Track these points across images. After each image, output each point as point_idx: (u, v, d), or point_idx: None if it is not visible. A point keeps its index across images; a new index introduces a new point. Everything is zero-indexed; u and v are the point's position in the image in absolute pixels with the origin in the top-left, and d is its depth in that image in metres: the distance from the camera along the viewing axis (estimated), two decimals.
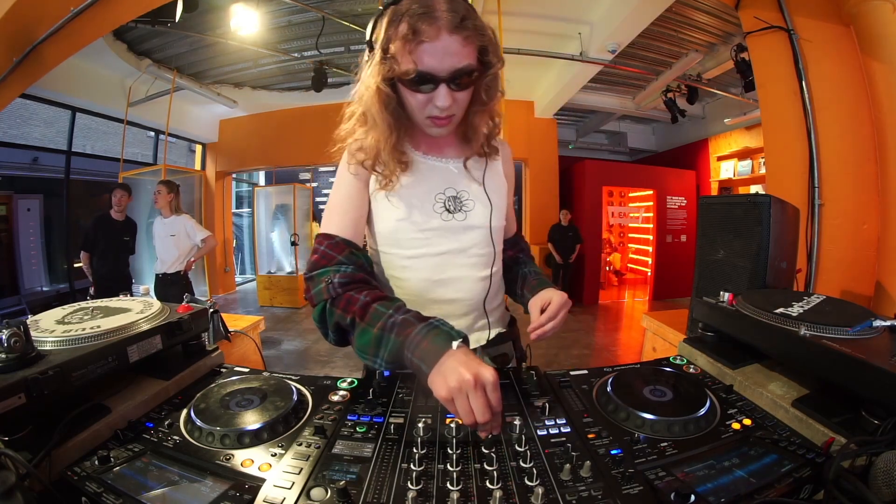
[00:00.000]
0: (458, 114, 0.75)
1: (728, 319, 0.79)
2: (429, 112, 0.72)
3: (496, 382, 0.55)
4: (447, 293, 0.84)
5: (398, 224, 0.81)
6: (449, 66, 0.66)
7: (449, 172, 0.85)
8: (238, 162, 7.00)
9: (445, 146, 0.87)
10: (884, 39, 1.77)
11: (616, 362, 3.46)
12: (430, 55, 0.65)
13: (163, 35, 4.44)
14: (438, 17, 0.64)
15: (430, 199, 0.82)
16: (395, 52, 0.66)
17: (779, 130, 2.18)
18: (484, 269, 0.86)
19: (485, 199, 0.85)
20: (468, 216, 0.83)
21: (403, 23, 0.65)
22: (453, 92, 0.69)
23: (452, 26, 0.64)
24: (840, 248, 1.98)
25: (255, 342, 1.86)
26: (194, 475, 0.52)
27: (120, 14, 2.32)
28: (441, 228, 0.82)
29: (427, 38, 0.64)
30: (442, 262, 0.83)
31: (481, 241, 0.85)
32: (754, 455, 0.54)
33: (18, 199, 5.15)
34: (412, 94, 0.70)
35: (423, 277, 0.83)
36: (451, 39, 0.65)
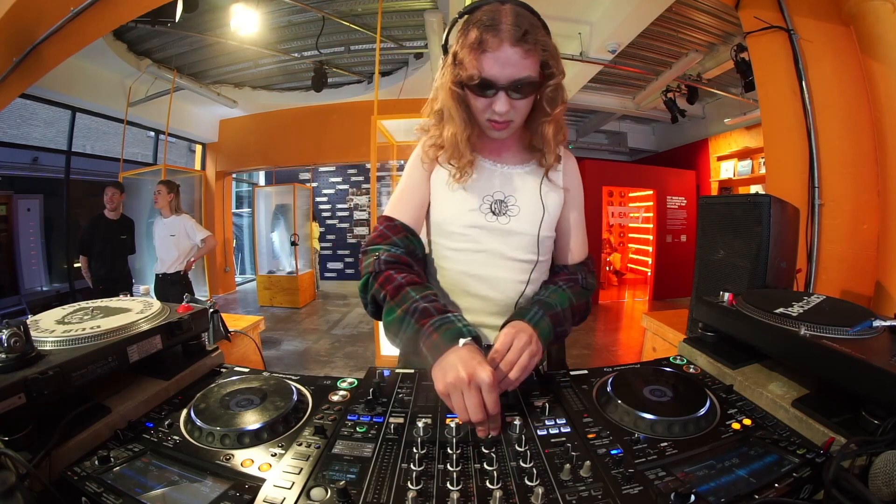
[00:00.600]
0: (517, 120, 0.80)
1: (728, 319, 0.79)
2: (489, 116, 0.78)
3: (492, 384, 0.57)
4: (481, 289, 0.87)
5: (446, 216, 0.88)
6: (509, 74, 0.72)
7: (502, 176, 0.89)
8: (238, 162, 6.99)
9: (505, 150, 0.91)
10: (884, 39, 1.76)
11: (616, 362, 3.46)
12: (492, 64, 0.71)
13: (163, 35, 4.44)
14: (502, 29, 0.70)
15: (479, 198, 0.87)
16: (463, 59, 0.74)
17: (779, 130, 2.18)
18: (522, 274, 0.87)
19: (533, 207, 0.87)
20: (511, 220, 0.86)
21: (472, 32, 0.72)
22: (512, 99, 0.75)
23: (514, 39, 0.70)
24: (840, 248, 1.98)
25: (255, 342, 1.86)
26: (194, 475, 0.52)
27: (120, 14, 2.32)
28: (483, 228, 0.86)
29: (490, 48, 0.71)
30: (482, 259, 0.87)
31: (522, 247, 0.87)
32: (754, 455, 0.54)
33: (18, 199, 5.16)
34: (475, 97, 0.77)
35: (461, 270, 0.88)
36: (513, 51, 0.70)
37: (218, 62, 5.20)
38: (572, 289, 0.86)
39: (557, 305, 0.79)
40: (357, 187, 8.06)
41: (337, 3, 4.01)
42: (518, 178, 0.89)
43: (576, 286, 0.87)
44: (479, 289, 0.88)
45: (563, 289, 0.85)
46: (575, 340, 4.64)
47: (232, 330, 1.66)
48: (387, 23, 4.24)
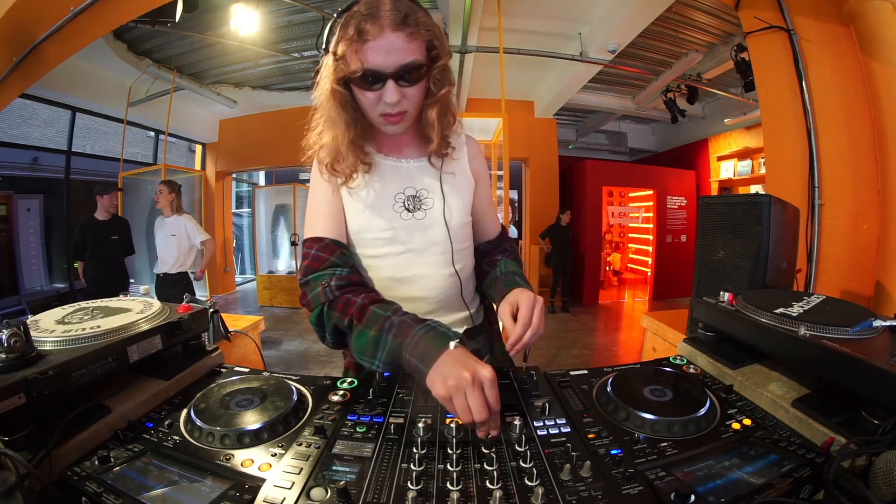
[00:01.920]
0: (411, 110, 0.76)
1: (728, 319, 0.79)
2: (381, 110, 0.74)
3: (494, 380, 0.56)
4: (411, 291, 0.86)
5: (361, 224, 0.84)
6: (394, 62, 0.69)
7: (408, 171, 0.86)
8: (238, 162, 7.00)
9: (405, 146, 0.88)
10: (884, 39, 1.76)
11: (616, 362, 3.46)
12: (375, 53, 0.68)
13: (163, 35, 4.44)
14: (381, 16, 0.67)
15: (390, 198, 0.84)
16: (344, 53, 0.70)
17: (779, 130, 2.18)
18: (447, 267, 0.87)
19: (447, 197, 0.86)
20: (427, 214, 0.85)
21: (350, 25, 0.68)
22: (402, 87, 0.71)
23: (395, 24, 0.67)
24: (840, 248, 1.98)
25: (255, 342, 1.86)
26: (194, 475, 0.52)
27: (120, 14, 2.32)
28: (401, 228, 0.84)
29: (371, 36, 0.67)
30: (404, 260, 0.85)
31: (443, 239, 0.86)
32: (754, 455, 0.54)
33: (18, 199, 5.16)
34: (363, 92, 0.73)
35: (385, 276, 0.86)
36: (395, 36, 0.67)
37: (218, 62, 5.21)
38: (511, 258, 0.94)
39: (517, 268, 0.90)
40: None
41: (337, 3, 4.00)
42: (425, 171, 0.87)
43: (510, 254, 0.95)
44: (408, 291, 0.85)
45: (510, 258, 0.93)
46: (575, 340, 4.64)
47: (232, 330, 1.66)
48: None
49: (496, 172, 5.41)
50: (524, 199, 6.74)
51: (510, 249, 0.97)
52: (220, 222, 7.06)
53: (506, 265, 0.89)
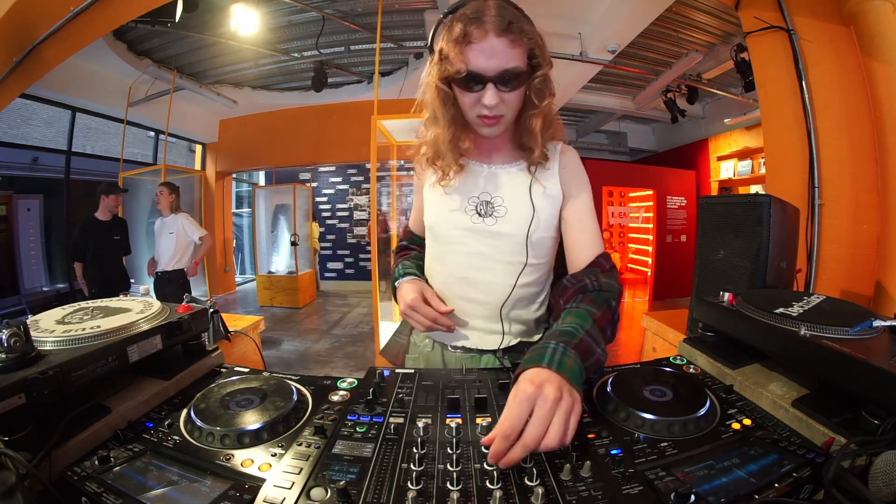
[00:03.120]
0: (508, 115, 0.78)
1: (728, 319, 0.79)
2: (478, 111, 0.76)
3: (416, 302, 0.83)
4: (469, 292, 0.87)
5: (436, 219, 0.89)
6: (496, 66, 0.70)
7: (489, 176, 0.87)
8: (238, 162, 6.99)
9: (495, 151, 0.88)
10: (884, 39, 1.76)
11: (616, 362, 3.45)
12: (478, 55, 0.70)
13: (163, 35, 4.43)
14: (486, 20, 0.69)
15: (464, 200, 0.86)
16: (448, 53, 0.72)
17: (779, 130, 2.18)
18: (510, 277, 0.84)
19: (523, 208, 0.83)
20: (497, 222, 0.84)
21: (457, 27, 0.71)
22: (501, 92, 0.73)
23: (500, 29, 0.69)
24: (840, 248, 1.98)
25: (255, 342, 1.86)
26: (194, 475, 0.52)
27: (120, 14, 2.32)
28: (470, 230, 0.85)
29: (475, 39, 0.70)
30: (470, 262, 0.86)
31: (511, 249, 0.83)
32: (754, 455, 0.54)
33: (18, 199, 5.15)
34: (463, 93, 0.75)
35: (450, 272, 0.89)
36: (498, 41, 0.69)
37: (218, 62, 5.20)
38: (586, 300, 0.73)
39: (579, 330, 0.64)
40: (357, 187, 8.06)
41: (337, 3, 4.01)
42: (506, 178, 0.86)
43: (587, 295, 0.75)
44: (467, 292, 0.87)
45: (576, 306, 0.72)
46: None
47: (232, 330, 1.66)
48: (387, 23, 4.24)
49: None
50: None
51: (592, 288, 0.78)
52: (220, 222, 7.05)
53: (563, 319, 0.70)
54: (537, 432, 0.49)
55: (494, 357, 0.89)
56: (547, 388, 0.52)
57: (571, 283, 0.80)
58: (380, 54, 3.35)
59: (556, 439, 0.49)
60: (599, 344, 0.65)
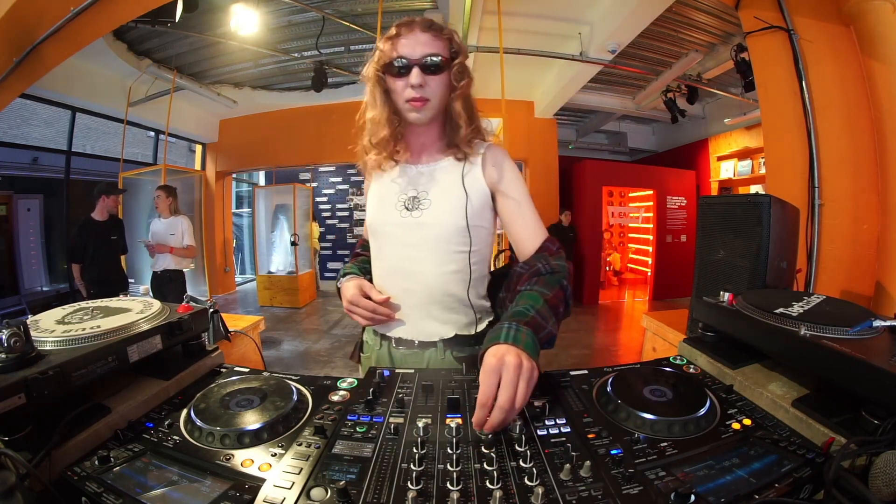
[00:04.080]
0: (433, 101, 0.88)
1: (728, 319, 0.79)
2: (407, 95, 0.86)
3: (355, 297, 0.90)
4: (406, 283, 0.93)
5: (372, 218, 0.99)
6: (420, 52, 0.84)
7: (418, 174, 0.96)
8: (238, 162, 6.99)
9: (424, 151, 0.97)
10: (884, 39, 1.76)
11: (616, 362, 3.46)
12: (406, 45, 0.85)
13: (163, 35, 4.43)
14: (414, 22, 0.87)
15: (394, 198, 0.95)
16: (383, 48, 0.88)
17: (779, 130, 2.18)
18: (443, 266, 0.91)
19: (445, 200, 0.91)
20: (423, 214, 0.92)
21: (391, 29, 0.88)
22: (425, 74, 0.85)
23: (423, 27, 0.86)
24: (840, 248, 1.98)
25: (255, 342, 1.86)
26: (194, 475, 0.52)
27: (120, 14, 2.32)
28: (399, 224, 0.93)
29: (404, 34, 0.86)
30: (400, 253, 0.93)
31: (438, 239, 0.90)
32: (754, 455, 0.54)
33: (18, 199, 5.16)
34: (394, 80, 0.87)
35: (387, 265, 0.96)
36: (423, 35, 0.85)
37: (218, 62, 5.20)
38: (538, 283, 0.79)
39: (530, 310, 0.72)
40: (357, 187, 8.07)
41: (337, 3, 4.01)
42: (435, 174, 0.95)
43: (541, 278, 0.81)
44: (404, 283, 0.93)
45: (529, 290, 0.78)
46: (576, 340, 4.64)
47: (232, 330, 1.66)
48: (387, 23, 4.24)
49: None
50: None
51: (545, 271, 0.83)
52: (220, 222, 7.06)
53: (517, 302, 0.76)
54: (508, 394, 0.56)
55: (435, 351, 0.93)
56: (507, 357, 0.59)
57: (525, 269, 0.86)
58: None
59: (523, 398, 0.57)
60: (549, 320, 0.73)
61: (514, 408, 0.56)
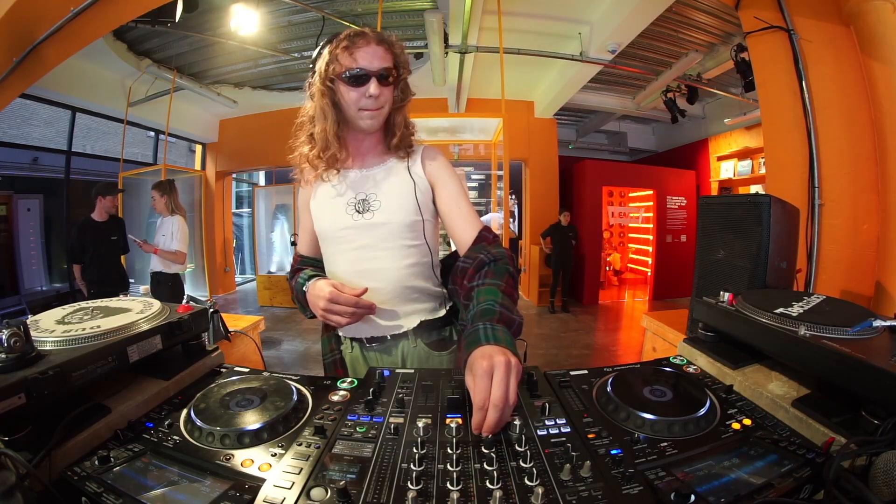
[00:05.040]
0: (385, 107, 0.93)
1: (728, 319, 0.79)
2: (362, 104, 0.90)
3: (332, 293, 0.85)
4: (370, 282, 0.94)
5: (324, 225, 1.01)
6: (378, 65, 0.89)
7: (363, 179, 1.00)
8: (238, 162, 6.99)
9: (368, 154, 1.01)
10: (884, 39, 1.76)
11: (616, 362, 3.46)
12: (364, 57, 0.88)
13: (163, 35, 4.44)
14: (368, 34, 0.90)
15: (344, 203, 0.98)
16: (338, 56, 0.88)
17: (779, 130, 2.18)
18: (400, 260, 0.96)
19: (397, 197, 0.96)
20: (374, 215, 0.96)
21: (344, 40, 0.89)
22: (381, 86, 0.89)
23: (378, 40, 0.90)
24: (840, 248, 1.98)
25: (255, 342, 1.86)
26: (194, 475, 0.52)
27: (120, 14, 2.32)
28: (352, 227, 0.96)
29: (361, 45, 0.88)
30: (358, 256, 0.97)
31: (391, 235, 0.95)
32: (754, 455, 0.54)
33: (18, 199, 5.16)
34: (349, 89, 0.89)
35: (345, 269, 0.98)
36: (378, 47, 0.89)
37: (218, 62, 5.20)
38: (489, 275, 0.81)
39: (495, 305, 0.72)
40: None
41: (337, 3, 4.01)
42: (379, 176, 0.99)
43: (489, 269, 0.83)
44: (365, 282, 0.93)
45: (481, 284, 0.80)
46: (575, 340, 4.64)
47: (232, 330, 1.66)
48: (387, 23, 4.25)
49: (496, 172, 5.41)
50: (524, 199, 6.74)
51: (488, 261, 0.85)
52: (220, 222, 7.05)
53: (477, 300, 0.76)
54: (501, 391, 0.56)
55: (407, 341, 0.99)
56: (496, 357, 0.59)
57: (468, 262, 0.88)
58: None
59: (515, 394, 0.58)
60: (513, 311, 0.74)
61: (508, 404, 0.56)
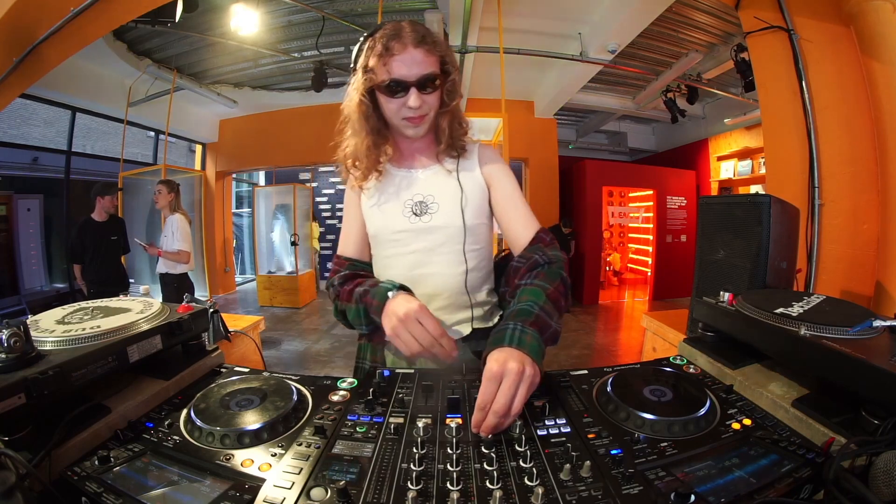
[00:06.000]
0: (430, 113, 0.88)
1: (728, 319, 0.79)
2: (403, 114, 0.85)
3: (421, 311, 0.72)
4: (423, 288, 0.91)
5: (379, 227, 0.96)
6: (416, 72, 0.81)
7: (417, 180, 0.96)
8: (238, 162, 6.99)
9: (417, 157, 0.98)
10: (884, 39, 1.76)
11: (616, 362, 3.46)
12: (400, 65, 0.80)
13: (163, 35, 4.44)
14: (404, 36, 0.81)
15: (400, 205, 0.94)
16: (373, 67, 0.82)
17: (779, 130, 2.18)
18: (457, 266, 0.92)
19: (450, 201, 0.92)
20: (433, 217, 0.92)
21: (378, 44, 0.81)
22: (422, 94, 0.83)
23: (416, 42, 0.81)
24: (840, 248, 1.98)
25: (255, 342, 1.86)
26: (194, 475, 0.52)
27: (120, 14, 2.32)
28: (410, 230, 0.92)
29: (397, 52, 0.80)
30: (415, 259, 0.93)
31: (450, 240, 0.92)
32: (754, 455, 0.54)
33: (18, 199, 5.16)
34: (388, 100, 0.84)
35: (400, 274, 0.93)
36: (416, 52, 0.81)
37: (218, 62, 5.20)
38: (539, 276, 0.79)
39: (534, 307, 0.71)
40: None
41: (337, 3, 4.01)
42: (433, 178, 0.95)
43: (540, 271, 0.82)
44: (422, 288, 0.91)
45: (529, 284, 0.78)
46: (575, 341, 4.64)
47: (232, 330, 1.66)
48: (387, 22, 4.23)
49: None
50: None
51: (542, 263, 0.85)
52: (220, 222, 7.06)
53: (519, 298, 0.76)
54: (504, 400, 0.56)
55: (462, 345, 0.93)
56: (510, 363, 0.59)
57: (522, 262, 0.87)
58: None
59: (520, 405, 0.58)
60: (553, 316, 0.73)
61: (509, 414, 0.56)
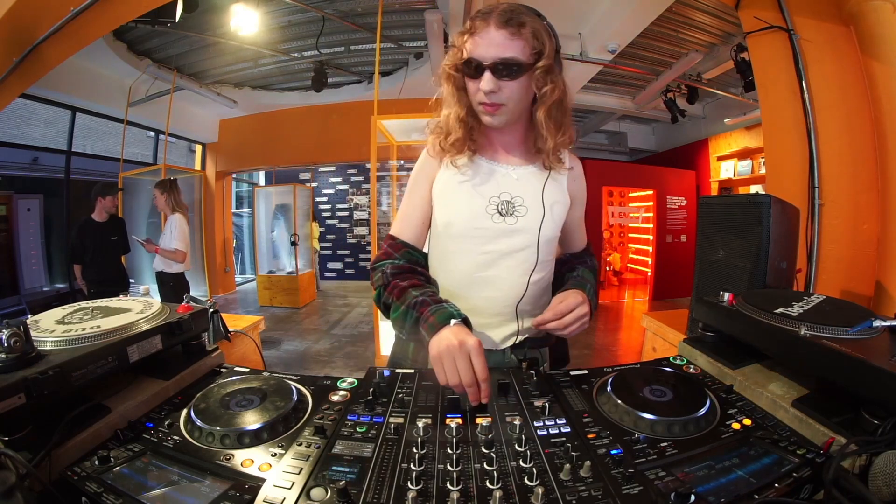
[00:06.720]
0: (509, 105, 0.81)
1: (728, 319, 0.79)
2: (479, 98, 0.81)
3: (478, 349, 0.65)
4: (485, 290, 0.88)
5: (452, 219, 0.89)
6: (493, 55, 0.76)
7: (507, 177, 0.90)
8: (238, 162, 6.99)
9: (510, 152, 0.92)
10: (884, 39, 1.76)
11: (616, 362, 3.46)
12: (478, 45, 0.77)
13: (163, 35, 4.43)
14: (491, 16, 0.77)
15: (485, 200, 0.88)
16: (457, 44, 0.82)
17: (779, 130, 2.18)
18: (524, 276, 0.88)
19: (539, 208, 0.88)
20: (518, 220, 0.87)
21: (468, 22, 0.80)
22: (498, 79, 0.77)
23: (500, 22, 0.76)
24: (840, 248, 1.98)
25: (255, 342, 1.86)
26: (194, 475, 0.52)
27: (120, 14, 2.32)
28: (490, 229, 0.87)
29: (477, 30, 0.78)
30: (487, 259, 0.87)
31: (527, 248, 0.87)
32: (754, 455, 0.54)
33: (18, 199, 5.15)
34: (468, 80, 0.82)
35: (465, 270, 0.89)
36: (497, 33, 0.76)
37: (218, 62, 5.20)
38: (588, 268, 0.99)
39: (593, 280, 0.95)
40: (357, 187, 8.06)
41: (337, 3, 4.01)
42: (524, 180, 0.90)
43: (588, 266, 1.00)
44: (483, 289, 0.88)
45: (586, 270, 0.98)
46: (575, 341, 4.62)
47: (232, 330, 1.66)
48: (387, 23, 4.24)
49: None
50: None
51: (590, 263, 1.02)
52: (220, 222, 7.05)
53: (583, 272, 0.96)
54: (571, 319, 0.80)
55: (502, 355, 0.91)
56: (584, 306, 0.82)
57: (573, 257, 1.03)
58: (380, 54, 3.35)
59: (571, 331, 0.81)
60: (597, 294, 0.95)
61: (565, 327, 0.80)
